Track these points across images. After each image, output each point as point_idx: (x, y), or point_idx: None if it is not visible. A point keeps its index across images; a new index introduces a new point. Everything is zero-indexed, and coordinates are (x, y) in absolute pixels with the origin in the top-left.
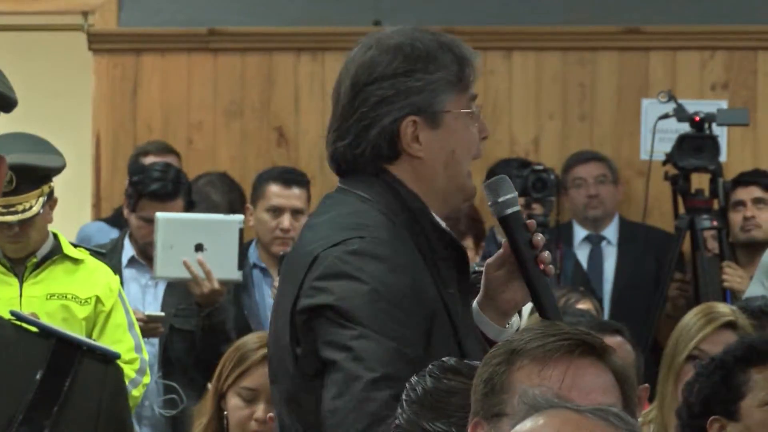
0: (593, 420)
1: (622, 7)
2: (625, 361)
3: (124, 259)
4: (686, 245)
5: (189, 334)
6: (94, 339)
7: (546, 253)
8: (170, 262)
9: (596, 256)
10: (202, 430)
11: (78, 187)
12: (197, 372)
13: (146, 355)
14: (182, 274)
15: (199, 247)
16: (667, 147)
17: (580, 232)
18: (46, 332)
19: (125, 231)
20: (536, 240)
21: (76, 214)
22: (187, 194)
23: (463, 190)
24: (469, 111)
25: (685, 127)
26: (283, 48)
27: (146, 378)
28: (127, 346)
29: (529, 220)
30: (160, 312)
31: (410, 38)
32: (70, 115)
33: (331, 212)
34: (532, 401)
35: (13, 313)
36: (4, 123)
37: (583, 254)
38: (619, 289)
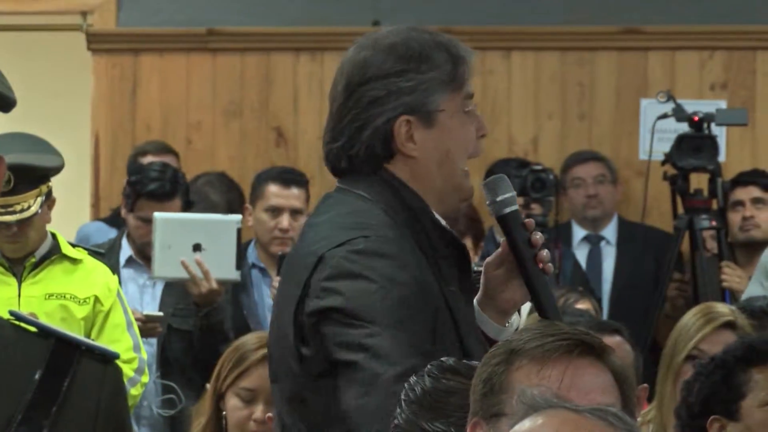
0: (592, 420)
1: (621, 7)
2: (624, 361)
3: (122, 259)
4: (685, 245)
5: (187, 334)
6: (93, 339)
7: (545, 252)
8: (168, 262)
9: (595, 256)
10: (200, 430)
11: (77, 187)
12: (195, 372)
13: (145, 354)
14: (180, 274)
15: (197, 247)
16: (666, 147)
17: (578, 232)
18: (45, 332)
19: (123, 231)
20: (535, 239)
21: (75, 214)
22: (184, 194)
23: (459, 189)
24: (464, 110)
25: (684, 127)
26: (282, 48)
27: (145, 377)
28: (125, 345)
29: (527, 219)
30: (159, 312)
31: (405, 38)
32: (69, 115)
33: (331, 212)
34: (531, 401)
35: (12, 312)
36: (3, 123)
37: (582, 254)
38: (618, 289)
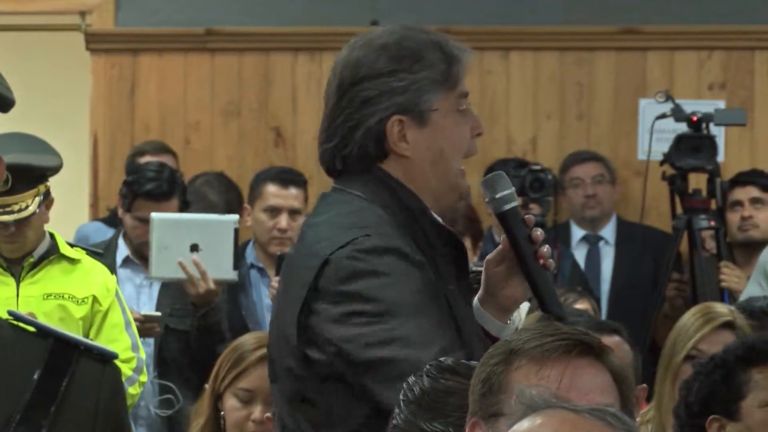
0: (591, 420)
1: (620, 8)
2: (623, 361)
3: (119, 259)
4: (684, 245)
5: (184, 334)
6: (91, 338)
7: (545, 248)
8: (165, 263)
9: (594, 256)
10: (199, 430)
11: (75, 187)
12: (192, 372)
13: (143, 354)
14: (178, 274)
15: (194, 248)
16: (665, 147)
17: (577, 232)
18: (43, 332)
19: (119, 231)
20: (535, 235)
21: (74, 214)
22: (182, 194)
23: (455, 188)
24: (458, 108)
25: (683, 127)
26: (281, 48)
27: (143, 376)
28: (124, 345)
29: (527, 216)
30: (156, 312)
31: (397, 38)
32: (68, 115)
33: (330, 212)
34: (530, 401)
35: (10, 312)
36: (2, 123)
37: (580, 254)
38: (617, 289)
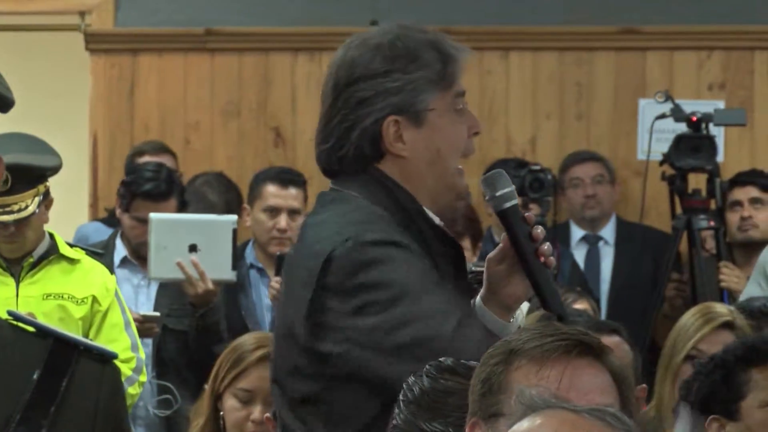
0: (590, 420)
1: (620, 8)
2: (623, 361)
3: (117, 259)
4: (683, 245)
5: (182, 335)
6: (91, 338)
7: (546, 245)
8: (164, 263)
9: (593, 256)
10: (198, 430)
11: (75, 187)
12: (190, 372)
13: (143, 354)
14: (176, 274)
15: (192, 248)
16: (664, 147)
17: (577, 232)
18: (43, 332)
19: (117, 231)
20: (536, 233)
21: (74, 215)
22: (180, 194)
23: (452, 188)
24: (455, 108)
25: (682, 127)
26: (281, 48)
27: (143, 376)
28: (123, 345)
29: (527, 214)
30: (155, 312)
31: (392, 37)
32: (67, 115)
33: (330, 211)
34: (529, 401)
35: (10, 313)
36: (2, 123)
37: (580, 254)
38: (617, 289)
